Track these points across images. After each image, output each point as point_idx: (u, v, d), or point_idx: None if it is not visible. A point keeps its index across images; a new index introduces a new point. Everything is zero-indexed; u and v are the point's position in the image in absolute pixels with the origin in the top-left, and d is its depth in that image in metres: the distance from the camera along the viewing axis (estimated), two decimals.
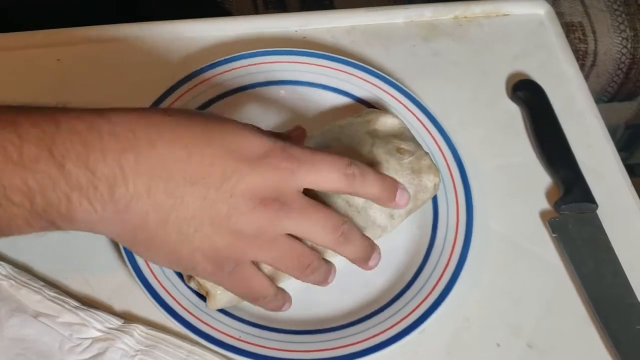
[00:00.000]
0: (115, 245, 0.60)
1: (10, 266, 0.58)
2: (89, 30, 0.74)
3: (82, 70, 0.72)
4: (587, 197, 0.66)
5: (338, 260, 0.60)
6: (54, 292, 0.57)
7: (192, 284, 0.57)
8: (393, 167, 0.60)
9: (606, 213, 0.66)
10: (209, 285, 0.55)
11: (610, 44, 1.23)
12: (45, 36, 0.73)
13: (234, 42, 0.75)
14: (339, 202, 0.59)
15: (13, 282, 0.57)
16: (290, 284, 0.58)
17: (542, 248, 0.64)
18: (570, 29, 1.19)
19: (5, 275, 0.57)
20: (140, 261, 0.57)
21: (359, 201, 0.59)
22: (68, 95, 0.68)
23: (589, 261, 0.63)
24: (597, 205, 0.66)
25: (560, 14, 1.15)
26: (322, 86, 0.69)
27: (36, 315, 0.56)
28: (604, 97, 1.27)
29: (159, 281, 0.57)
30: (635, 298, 0.61)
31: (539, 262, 0.63)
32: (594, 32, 1.22)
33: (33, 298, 0.56)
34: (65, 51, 0.73)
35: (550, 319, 0.60)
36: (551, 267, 0.63)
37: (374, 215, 0.60)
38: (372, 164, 0.60)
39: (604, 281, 0.62)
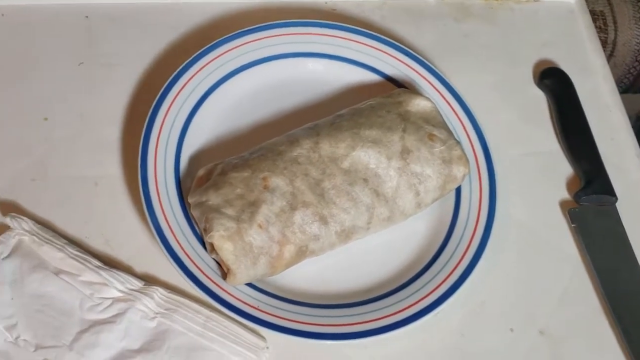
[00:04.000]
0: (138, 206, 0.60)
1: (33, 222, 0.58)
2: None
3: (110, 29, 0.71)
4: (607, 189, 0.66)
5: (360, 241, 0.60)
6: (77, 251, 0.57)
7: (214, 256, 0.57)
8: (424, 156, 0.60)
9: (625, 207, 0.66)
10: (230, 262, 0.55)
11: (630, 35, 1.22)
12: None
13: (263, 10, 0.74)
14: (366, 190, 0.59)
15: (35, 238, 0.57)
16: (312, 260, 0.59)
17: (560, 238, 0.64)
18: (591, 18, 1.18)
19: (27, 231, 0.57)
20: (164, 224, 0.58)
21: (388, 191, 0.59)
22: (92, 55, 0.69)
23: (606, 254, 0.63)
24: (616, 199, 0.66)
25: None
26: (351, 61, 0.69)
27: (57, 272, 0.56)
28: (619, 88, 1.27)
29: (181, 246, 0.57)
30: None
31: (557, 251, 0.64)
32: (614, 22, 1.21)
33: (55, 255, 0.57)
34: (94, 8, 0.72)
35: (565, 308, 0.61)
36: (568, 257, 0.63)
37: (403, 205, 0.60)
38: (403, 152, 0.60)
39: (619, 275, 0.62)
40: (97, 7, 0.72)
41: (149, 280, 0.58)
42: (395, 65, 0.69)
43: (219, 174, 0.59)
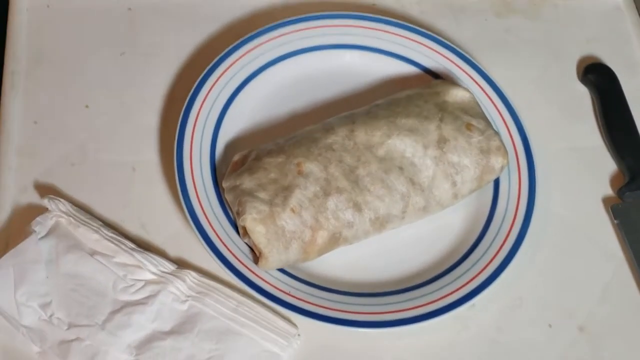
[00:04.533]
0: (174, 192, 0.61)
1: (70, 204, 0.59)
2: None
3: (152, 20, 0.72)
4: None
5: (395, 231, 0.59)
6: (112, 233, 0.58)
7: (247, 240, 0.57)
8: (461, 146, 0.59)
9: None
10: (262, 246, 0.55)
11: None
12: None
13: (303, 5, 0.74)
14: (401, 179, 0.58)
15: (72, 220, 0.58)
16: (346, 248, 0.58)
17: (602, 234, 0.62)
18: None
19: (64, 212, 0.58)
20: (198, 209, 0.58)
21: (424, 180, 0.58)
22: (133, 46, 0.70)
23: None
24: None
25: None
26: (388, 53, 0.69)
27: (92, 253, 0.57)
28: None
29: (214, 231, 0.57)
30: None
31: (599, 247, 0.62)
32: None
33: (91, 236, 0.57)
34: (137, 0, 0.73)
35: (606, 305, 0.59)
36: (610, 253, 0.61)
37: (439, 195, 0.59)
38: (440, 141, 0.59)
39: None
40: (140, 0, 0.73)
41: (182, 264, 0.58)
42: (434, 57, 0.68)
43: (253, 159, 0.59)
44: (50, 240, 0.57)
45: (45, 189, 0.61)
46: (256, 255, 0.56)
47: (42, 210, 0.59)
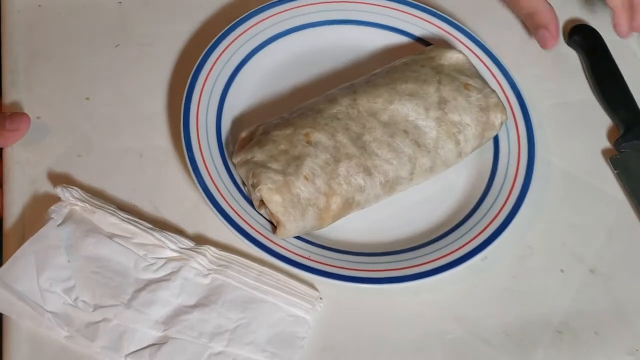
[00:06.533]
0: (183, 173, 0.62)
1: (83, 191, 0.59)
2: None
3: (143, 13, 0.73)
4: None
5: (403, 194, 0.61)
6: (128, 215, 0.58)
7: (263, 211, 0.58)
8: (461, 105, 0.61)
9: None
10: (280, 214, 0.56)
11: None
12: None
13: None
14: (407, 141, 0.59)
15: (87, 206, 0.58)
16: (357, 215, 0.59)
17: (603, 183, 0.65)
18: None
19: (78, 199, 0.59)
20: (211, 187, 0.59)
21: (429, 141, 0.60)
22: (127, 37, 0.70)
23: None
24: None
25: None
26: (382, 26, 0.70)
27: (111, 236, 0.57)
28: None
29: (230, 205, 0.58)
30: None
31: (601, 195, 0.64)
32: None
33: (107, 220, 0.58)
34: None
35: (613, 246, 0.61)
36: (612, 200, 0.64)
37: (444, 154, 0.61)
38: (440, 102, 0.60)
39: None
40: None
41: (199, 240, 0.59)
42: (424, 26, 0.70)
43: (261, 134, 0.60)
44: (67, 226, 0.57)
45: (55, 180, 0.62)
46: (274, 226, 0.57)
47: (55, 200, 0.59)
